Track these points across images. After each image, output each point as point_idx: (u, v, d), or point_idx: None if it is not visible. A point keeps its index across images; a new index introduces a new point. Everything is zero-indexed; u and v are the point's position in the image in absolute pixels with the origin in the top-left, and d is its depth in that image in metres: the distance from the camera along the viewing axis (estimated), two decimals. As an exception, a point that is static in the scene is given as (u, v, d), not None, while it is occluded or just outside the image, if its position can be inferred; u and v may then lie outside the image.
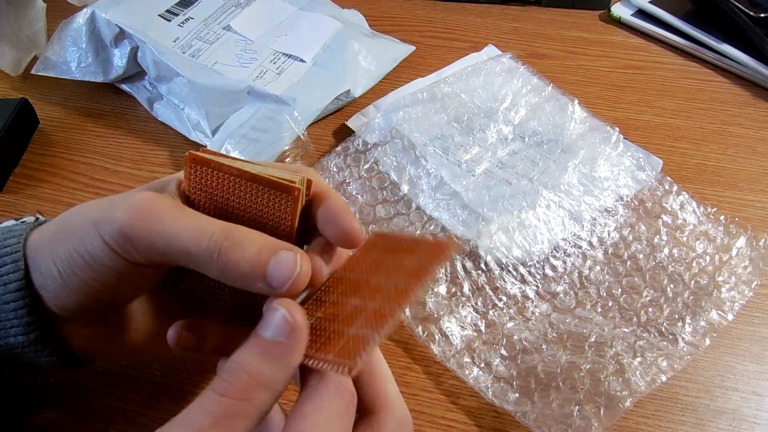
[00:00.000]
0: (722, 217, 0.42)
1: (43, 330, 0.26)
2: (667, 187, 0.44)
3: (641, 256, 0.40)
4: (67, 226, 0.25)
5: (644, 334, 0.36)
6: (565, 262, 0.40)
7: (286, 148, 0.47)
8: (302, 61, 0.52)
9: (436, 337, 0.36)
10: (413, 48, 0.58)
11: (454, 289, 0.38)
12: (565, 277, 0.39)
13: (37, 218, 0.28)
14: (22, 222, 0.27)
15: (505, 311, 0.37)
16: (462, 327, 0.36)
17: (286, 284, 0.22)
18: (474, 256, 0.40)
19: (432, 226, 0.42)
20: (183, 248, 0.23)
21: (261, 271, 0.22)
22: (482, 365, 0.35)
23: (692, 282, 0.39)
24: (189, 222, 0.23)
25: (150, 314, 0.30)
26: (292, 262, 0.22)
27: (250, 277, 0.22)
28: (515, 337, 0.36)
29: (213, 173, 0.24)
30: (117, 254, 0.23)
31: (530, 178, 0.44)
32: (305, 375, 0.23)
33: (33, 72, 0.52)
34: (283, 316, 0.21)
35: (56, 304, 0.25)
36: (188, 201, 0.26)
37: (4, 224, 0.28)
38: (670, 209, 0.43)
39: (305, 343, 0.22)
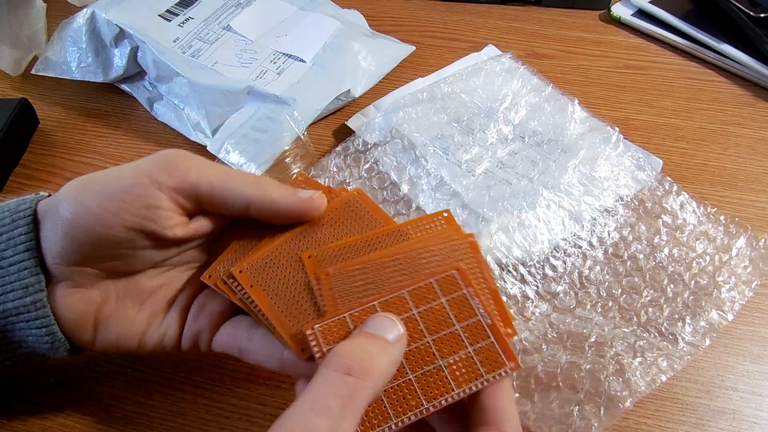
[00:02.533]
0: (722, 217, 0.42)
1: (42, 294, 0.27)
2: (667, 187, 0.44)
3: (641, 256, 0.40)
4: (96, 178, 0.27)
5: (644, 334, 0.36)
6: (565, 262, 0.40)
7: (286, 148, 0.47)
8: (302, 61, 0.52)
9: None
10: (413, 48, 0.58)
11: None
12: (565, 277, 0.39)
13: (50, 194, 0.29)
14: (37, 194, 0.29)
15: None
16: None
17: (313, 198, 0.29)
18: (474, 256, 0.40)
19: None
20: (222, 174, 0.27)
21: (293, 191, 0.29)
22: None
23: (692, 282, 0.39)
24: (231, 170, 0.29)
25: (154, 309, 0.30)
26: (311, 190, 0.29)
27: (284, 194, 0.28)
28: (515, 337, 0.36)
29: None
30: (148, 179, 0.26)
31: (530, 178, 0.44)
32: None
33: (33, 72, 0.52)
34: (394, 322, 0.24)
35: (56, 254, 0.27)
36: None
37: (20, 198, 0.29)
38: (670, 209, 0.43)
39: (404, 349, 0.24)
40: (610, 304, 0.38)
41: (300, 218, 0.29)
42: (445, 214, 0.30)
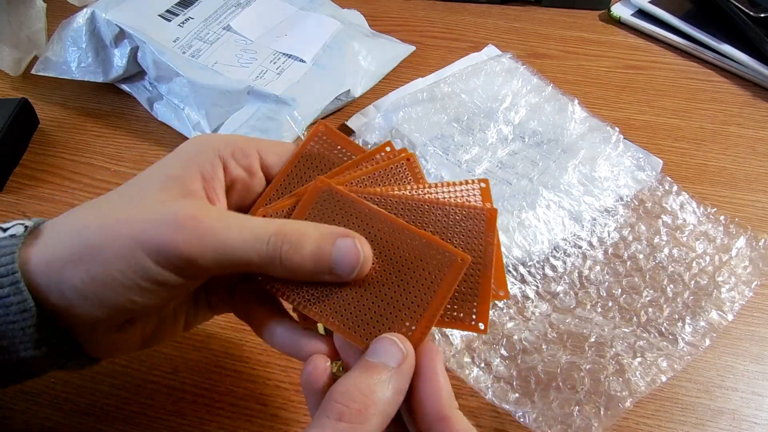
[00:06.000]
0: (722, 218, 0.42)
1: (54, 342, 0.24)
2: (667, 187, 0.44)
3: (641, 256, 0.40)
4: (93, 243, 0.23)
5: (644, 334, 0.36)
6: (565, 262, 0.40)
7: (286, 148, 0.47)
8: (302, 61, 0.52)
9: (436, 337, 0.36)
10: (413, 48, 0.58)
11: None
12: (565, 277, 0.39)
13: (26, 226, 0.25)
14: (11, 236, 0.24)
15: (505, 311, 0.37)
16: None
17: (353, 272, 0.23)
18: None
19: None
20: (244, 259, 0.23)
21: (327, 264, 0.23)
22: (482, 365, 0.35)
23: (692, 282, 0.39)
24: (243, 231, 0.23)
25: (178, 309, 0.29)
26: (353, 248, 0.23)
27: (317, 273, 0.23)
28: (515, 337, 0.36)
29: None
30: (173, 274, 0.23)
31: (530, 178, 0.44)
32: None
33: (33, 72, 0.52)
34: (397, 345, 0.22)
35: (74, 319, 0.24)
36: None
37: None
38: (670, 209, 0.43)
39: (412, 368, 0.23)
40: (610, 304, 0.38)
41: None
42: (483, 184, 0.27)
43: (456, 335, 0.36)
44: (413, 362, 0.23)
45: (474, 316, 0.24)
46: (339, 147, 0.28)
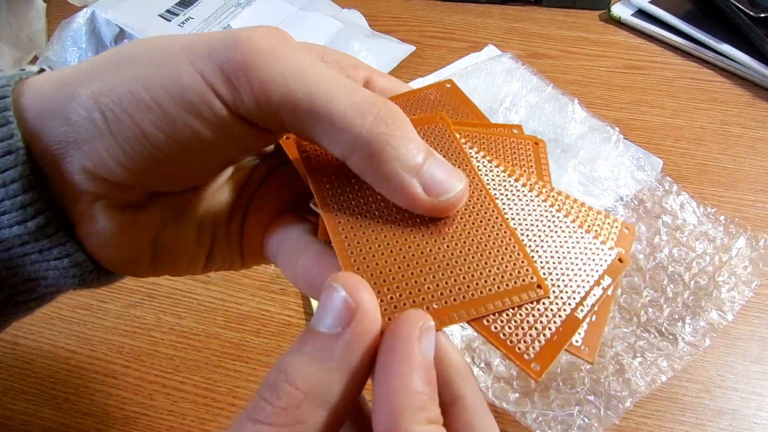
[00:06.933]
0: (722, 218, 0.42)
1: (48, 214, 0.18)
2: (667, 187, 0.44)
3: (641, 256, 0.40)
4: (123, 55, 0.17)
5: (644, 334, 0.36)
6: (565, 262, 0.40)
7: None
8: (302, 61, 0.52)
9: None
10: (413, 48, 0.58)
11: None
12: (565, 277, 0.39)
13: (42, 69, 0.20)
14: (21, 69, 0.19)
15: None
16: (462, 326, 0.36)
17: (446, 195, 0.17)
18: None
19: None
20: (323, 95, 0.17)
21: (420, 162, 0.17)
22: (482, 365, 0.35)
23: (692, 282, 0.39)
24: (332, 70, 0.17)
25: (204, 226, 0.22)
26: (456, 174, 0.18)
27: (408, 164, 0.17)
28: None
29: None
30: (215, 95, 0.17)
31: (530, 178, 0.44)
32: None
33: (33, 72, 0.52)
34: (344, 299, 0.15)
35: (96, 170, 0.17)
36: None
37: None
38: (670, 209, 0.43)
39: (375, 334, 0.16)
40: (610, 304, 0.38)
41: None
42: (627, 230, 0.22)
43: (456, 335, 0.36)
44: (373, 326, 0.16)
45: (531, 350, 0.18)
46: (461, 107, 0.24)
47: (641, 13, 0.62)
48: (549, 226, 0.20)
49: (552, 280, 0.19)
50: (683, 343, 0.36)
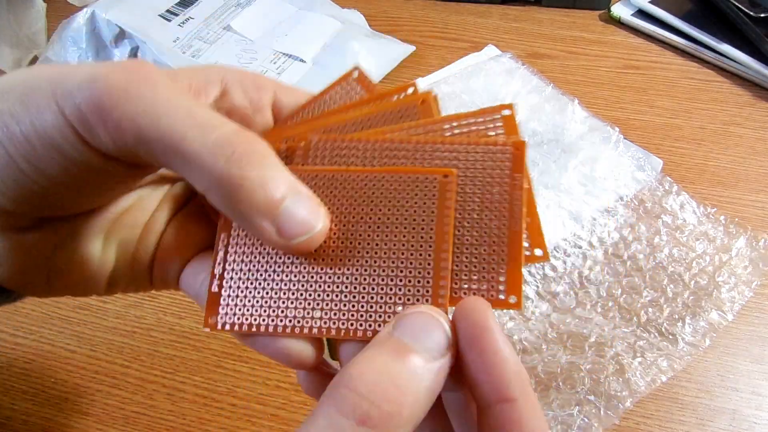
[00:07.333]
0: (722, 218, 0.42)
1: None
2: (667, 187, 0.44)
3: (641, 256, 0.40)
4: (7, 83, 0.18)
5: (644, 334, 0.36)
6: (565, 262, 0.40)
7: (286, 148, 0.47)
8: (302, 61, 0.52)
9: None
10: (413, 48, 0.58)
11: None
12: (565, 277, 0.39)
13: None
14: None
15: (505, 311, 0.37)
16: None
17: (300, 237, 0.17)
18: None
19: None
20: (176, 135, 0.16)
21: (276, 202, 0.17)
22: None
23: (692, 282, 0.39)
24: (192, 104, 0.17)
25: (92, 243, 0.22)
26: (314, 211, 0.18)
27: (259, 206, 0.17)
28: (515, 337, 0.36)
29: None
30: (75, 133, 0.17)
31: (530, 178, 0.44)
32: None
33: (33, 72, 0.52)
34: (435, 319, 0.17)
35: None
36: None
37: None
38: (670, 209, 0.43)
39: (452, 360, 0.17)
40: (610, 304, 0.38)
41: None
42: (507, 111, 0.20)
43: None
44: (453, 354, 0.17)
45: (501, 287, 0.18)
46: (363, 91, 0.23)
47: (641, 13, 0.62)
48: (438, 156, 0.19)
49: (474, 214, 0.19)
50: (683, 343, 0.36)
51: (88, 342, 0.36)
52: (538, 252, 0.19)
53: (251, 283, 0.19)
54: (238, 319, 0.19)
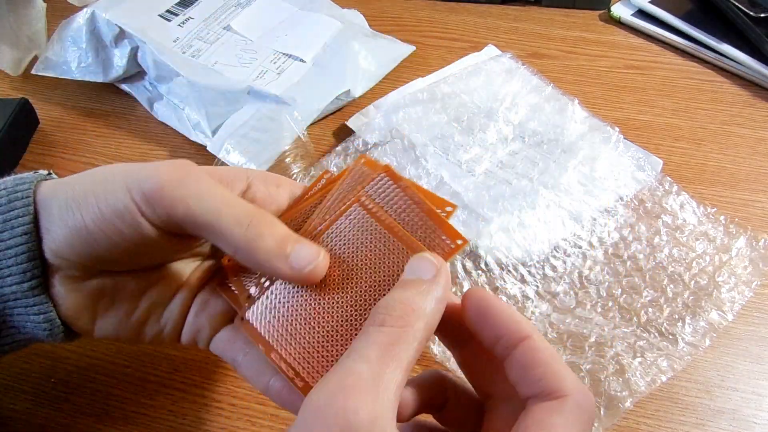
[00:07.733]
0: (722, 218, 0.42)
1: (39, 279, 0.26)
2: (667, 187, 0.44)
3: (641, 256, 0.40)
4: (87, 173, 0.26)
5: (644, 334, 0.36)
6: (565, 262, 0.40)
7: (287, 148, 0.47)
8: (302, 61, 0.52)
9: (436, 338, 0.36)
10: (413, 48, 0.58)
11: (454, 289, 0.38)
12: (565, 277, 0.39)
13: (50, 173, 0.28)
14: (35, 172, 0.28)
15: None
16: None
17: (306, 268, 0.25)
18: (474, 256, 0.40)
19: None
20: (213, 213, 0.24)
21: (284, 249, 0.25)
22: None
23: (692, 282, 0.39)
24: (225, 191, 0.25)
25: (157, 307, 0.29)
26: (315, 251, 0.25)
27: (273, 254, 0.24)
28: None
29: (397, 190, 0.27)
30: (138, 209, 0.24)
31: (530, 178, 0.44)
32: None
33: (33, 72, 0.52)
34: (428, 260, 0.24)
35: (57, 250, 0.25)
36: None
37: (18, 175, 0.28)
38: (670, 209, 0.43)
39: (448, 281, 0.24)
40: (610, 304, 0.38)
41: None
42: (363, 161, 0.28)
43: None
44: (449, 275, 0.24)
45: (447, 240, 0.25)
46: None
47: (641, 13, 0.62)
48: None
49: (404, 215, 0.26)
50: (683, 343, 0.36)
51: (88, 342, 0.36)
52: (448, 208, 0.26)
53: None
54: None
